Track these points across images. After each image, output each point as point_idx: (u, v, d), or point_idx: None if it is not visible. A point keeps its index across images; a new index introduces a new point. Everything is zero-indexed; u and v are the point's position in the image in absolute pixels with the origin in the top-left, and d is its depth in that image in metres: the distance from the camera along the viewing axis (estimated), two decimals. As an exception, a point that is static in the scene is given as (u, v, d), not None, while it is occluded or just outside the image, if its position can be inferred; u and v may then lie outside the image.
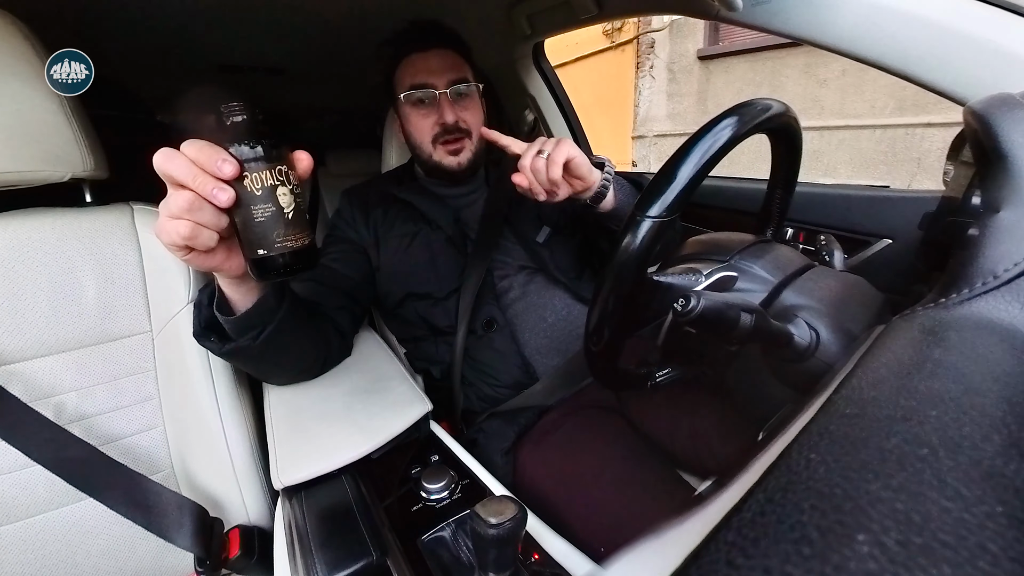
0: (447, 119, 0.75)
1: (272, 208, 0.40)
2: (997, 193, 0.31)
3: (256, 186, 0.39)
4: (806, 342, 0.39)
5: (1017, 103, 0.35)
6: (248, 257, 0.42)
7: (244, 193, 0.39)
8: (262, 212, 0.40)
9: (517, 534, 0.37)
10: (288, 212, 0.41)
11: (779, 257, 0.47)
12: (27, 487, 0.58)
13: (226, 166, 0.38)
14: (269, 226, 0.40)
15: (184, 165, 0.38)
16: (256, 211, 0.40)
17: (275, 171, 0.40)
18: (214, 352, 0.56)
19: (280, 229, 0.40)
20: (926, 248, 0.53)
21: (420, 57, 0.76)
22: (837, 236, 0.64)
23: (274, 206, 0.40)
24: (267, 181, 0.39)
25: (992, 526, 0.13)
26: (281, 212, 0.40)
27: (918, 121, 3.25)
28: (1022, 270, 0.26)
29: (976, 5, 0.51)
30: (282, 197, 0.40)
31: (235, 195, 0.39)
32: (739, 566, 0.12)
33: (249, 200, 0.40)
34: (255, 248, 0.41)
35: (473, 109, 0.79)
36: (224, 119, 0.41)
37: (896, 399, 0.18)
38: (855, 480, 0.14)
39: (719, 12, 0.65)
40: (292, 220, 0.41)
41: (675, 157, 0.40)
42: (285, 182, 0.40)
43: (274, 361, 0.62)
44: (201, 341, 0.55)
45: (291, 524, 0.50)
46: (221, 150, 0.39)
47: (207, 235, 0.40)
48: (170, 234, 0.40)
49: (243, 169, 0.39)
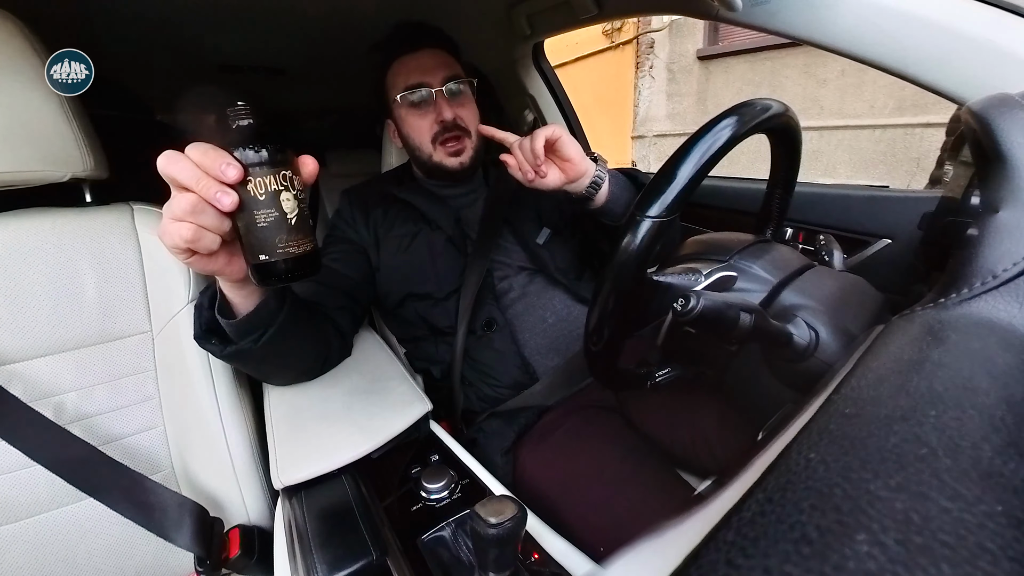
0: (445, 116, 0.75)
1: (275, 213, 0.40)
2: (996, 193, 0.31)
3: (260, 191, 0.39)
4: (805, 342, 0.39)
5: (1016, 103, 0.35)
6: (250, 262, 0.42)
7: (247, 197, 0.39)
8: (265, 217, 0.39)
9: (517, 534, 0.37)
10: (291, 218, 0.40)
11: (778, 257, 0.47)
12: (27, 487, 0.58)
13: (230, 170, 0.38)
14: (272, 231, 0.40)
15: (188, 168, 0.38)
16: (259, 216, 0.39)
17: (279, 176, 0.39)
18: (215, 355, 0.56)
19: (283, 234, 0.40)
20: (925, 248, 0.53)
21: (411, 58, 0.76)
22: (836, 236, 0.64)
23: (277, 211, 0.40)
24: (271, 186, 0.39)
25: (991, 525, 0.12)
26: (284, 217, 0.40)
27: (917, 121, 3.25)
28: (1021, 270, 0.26)
29: (975, 5, 0.51)
30: (285, 202, 0.40)
31: (238, 199, 0.39)
32: (739, 566, 0.12)
33: (252, 205, 0.39)
34: (257, 253, 0.41)
35: (469, 107, 0.79)
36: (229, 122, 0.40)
37: (896, 399, 0.18)
38: (854, 480, 0.14)
39: (719, 12, 0.65)
40: (295, 226, 0.41)
41: (675, 157, 0.40)
42: (289, 187, 0.40)
43: (275, 363, 0.62)
44: (202, 343, 0.55)
45: (291, 524, 0.50)
46: (225, 153, 0.38)
47: (210, 238, 0.40)
48: (172, 236, 0.39)
49: (247, 173, 0.38)
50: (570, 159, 0.61)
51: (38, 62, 0.55)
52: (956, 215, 0.41)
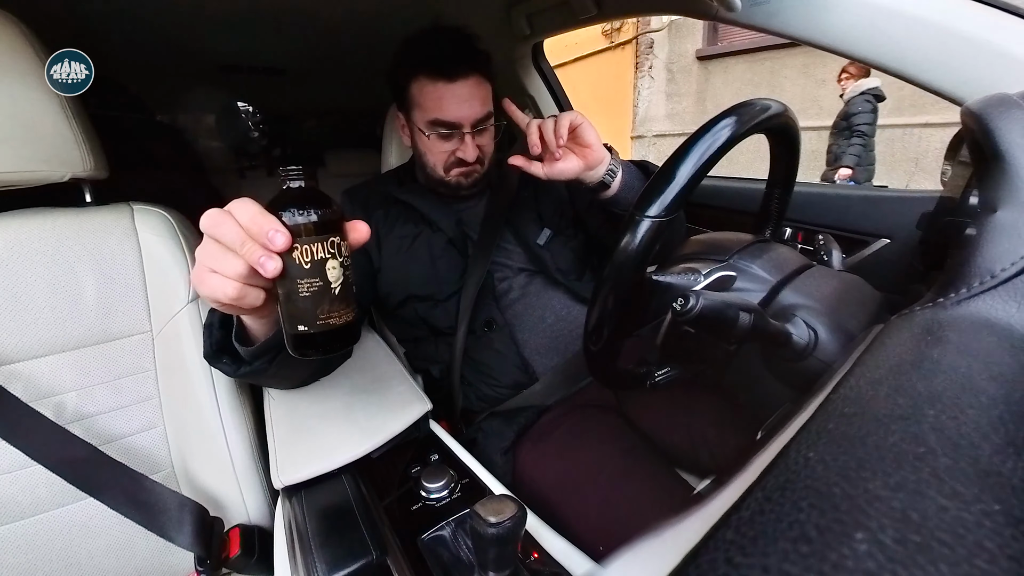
0: (468, 156, 0.73)
1: (319, 283, 0.37)
2: (994, 193, 0.31)
3: (305, 259, 0.36)
4: (804, 341, 0.39)
5: (1015, 103, 0.35)
6: (287, 331, 0.39)
7: (291, 265, 0.36)
8: (308, 287, 0.37)
9: (517, 533, 0.37)
10: (335, 287, 0.38)
11: (777, 257, 0.47)
12: (28, 487, 0.58)
13: (277, 237, 0.35)
14: (313, 302, 0.37)
15: (233, 231, 0.36)
16: (301, 285, 0.37)
17: (327, 243, 0.37)
18: (227, 374, 0.54)
19: (325, 305, 0.37)
20: (924, 248, 0.53)
21: (445, 87, 0.69)
22: (835, 236, 0.64)
23: (321, 280, 0.37)
24: (317, 254, 0.36)
25: (989, 524, 0.13)
26: (328, 287, 0.37)
27: (916, 121, 3.26)
28: (1019, 269, 0.26)
29: (974, 6, 0.51)
30: (331, 271, 0.37)
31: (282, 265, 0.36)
32: (738, 564, 0.13)
33: (296, 273, 0.36)
34: (295, 323, 0.38)
35: (490, 136, 0.77)
36: (280, 183, 0.38)
37: (894, 398, 0.18)
38: (853, 479, 0.14)
39: (718, 12, 0.65)
40: (339, 296, 0.38)
41: (674, 157, 0.40)
42: (336, 255, 0.37)
43: (284, 375, 0.60)
44: (213, 363, 0.53)
45: (291, 523, 0.50)
46: (273, 219, 0.36)
47: (254, 295, 0.38)
48: (215, 292, 0.37)
49: (294, 240, 0.36)
50: (590, 145, 0.61)
51: (38, 63, 0.55)
52: (954, 215, 0.41)
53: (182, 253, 0.65)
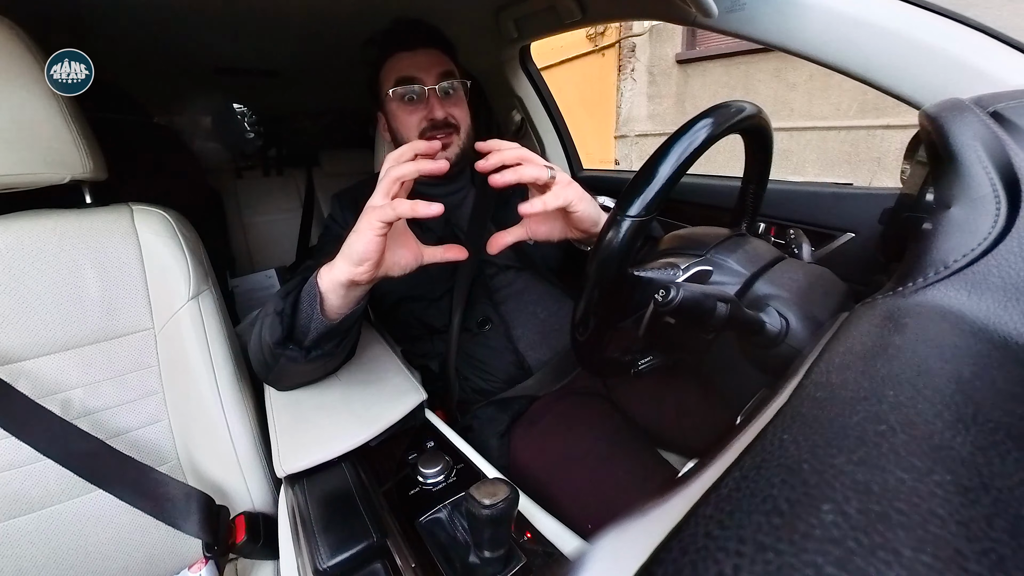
0: (436, 115, 0.73)
1: None
2: (948, 191, 0.32)
3: None
4: (777, 329, 0.39)
5: (967, 108, 0.36)
6: None
7: None
8: None
9: (510, 514, 0.37)
10: None
11: (752, 250, 0.48)
12: (39, 480, 0.57)
13: None
14: None
15: None
16: None
17: None
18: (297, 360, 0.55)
19: None
20: (885, 241, 0.55)
21: (407, 55, 0.73)
22: (805, 230, 0.65)
23: None
24: None
25: (941, 493, 0.13)
26: None
27: (878, 123, 3.31)
28: (969, 260, 0.27)
29: (932, 17, 0.52)
30: None
31: None
32: (715, 536, 0.13)
33: None
34: None
35: (461, 106, 0.77)
36: None
37: (859, 381, 0.19)
38: (821, 456, 0.15)
39: (696, 19, 0.66)
40: None
41: (654, 158, 0.41)
42: None
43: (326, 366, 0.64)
44: (280, 349, 0.54)
45: (294, 510, 0.50)
46: None
47: None
48: None
49: None
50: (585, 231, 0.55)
51: (36, 66, 0.53)
52: (912, 211, 0.42)
53: (181, 252, 0.64)
